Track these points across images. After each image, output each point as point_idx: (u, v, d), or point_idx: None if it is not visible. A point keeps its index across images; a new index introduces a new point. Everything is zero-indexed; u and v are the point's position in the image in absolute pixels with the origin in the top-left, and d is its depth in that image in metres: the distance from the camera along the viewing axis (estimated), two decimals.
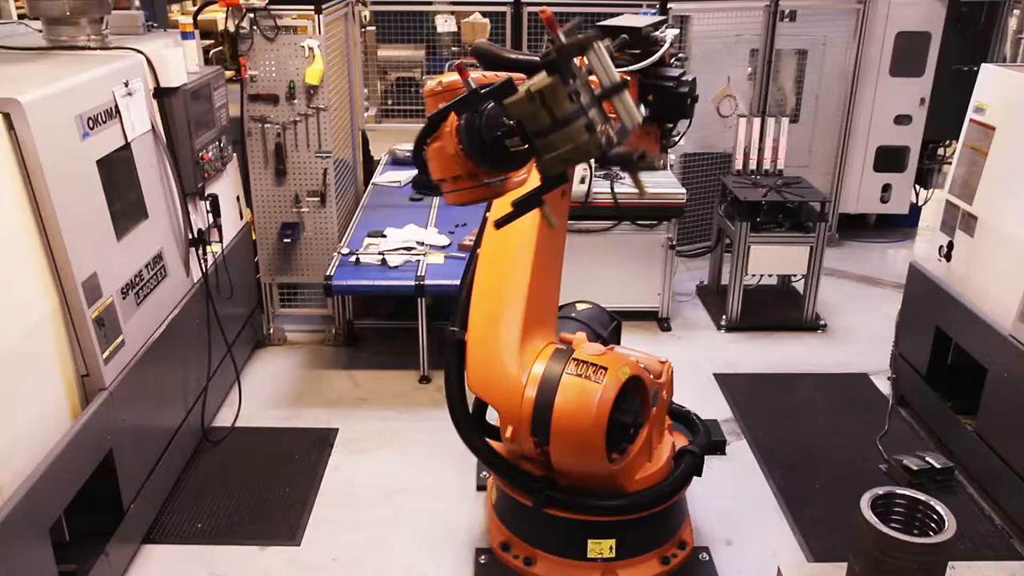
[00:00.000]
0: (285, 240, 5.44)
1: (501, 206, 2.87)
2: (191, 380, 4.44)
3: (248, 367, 5.42)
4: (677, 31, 5.54)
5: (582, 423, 3.13)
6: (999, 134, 4.30)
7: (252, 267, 5.55)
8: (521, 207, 2.45)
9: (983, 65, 4.60)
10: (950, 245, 4.61)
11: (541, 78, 2.20)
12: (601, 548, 3.52)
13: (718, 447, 4.59)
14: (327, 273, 4.99)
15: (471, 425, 3.50)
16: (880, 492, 2.56)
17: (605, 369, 3.19)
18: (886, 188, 7.58)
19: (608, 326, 4.04)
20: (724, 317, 6.12)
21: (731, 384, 5.31)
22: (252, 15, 5.07)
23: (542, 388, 3.19)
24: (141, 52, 4.09)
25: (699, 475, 3.64)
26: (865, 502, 2.50)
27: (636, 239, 5.86)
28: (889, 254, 7.60)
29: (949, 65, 7.19)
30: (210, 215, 4.67)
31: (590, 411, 3.12)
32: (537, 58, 2.45)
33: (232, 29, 5.10)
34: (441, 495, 4.23)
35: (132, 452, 3.67)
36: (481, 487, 4.23)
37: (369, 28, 7.62)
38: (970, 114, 4.56)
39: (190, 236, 4.45)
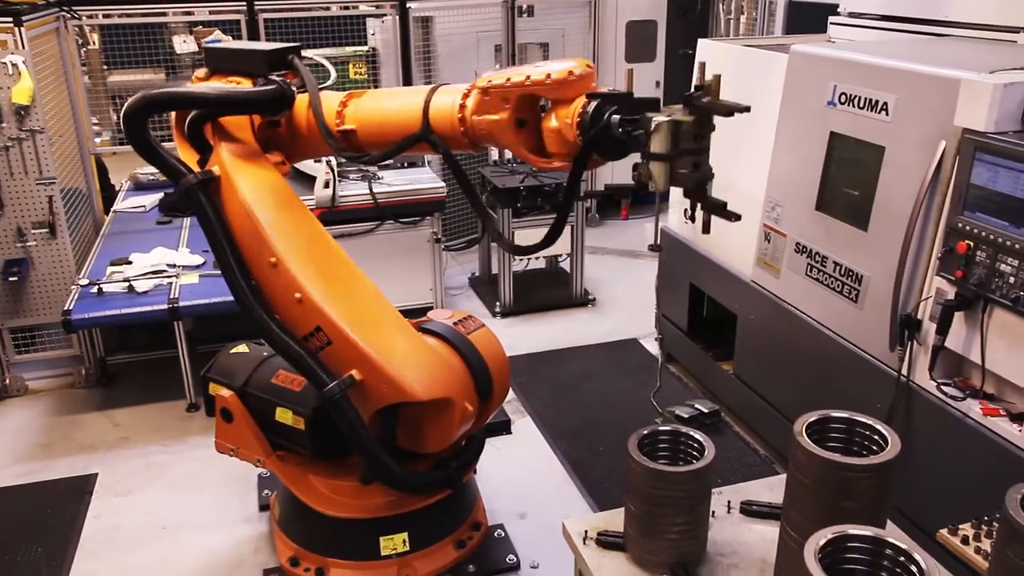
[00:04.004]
0: (11, 279, 4.89)
1: None
2: None
3: None
4: None
5: (503, 363, 3.50)
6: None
7: None
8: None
9: (700, 40, 5.03)
10: (693, 206, 4.91)
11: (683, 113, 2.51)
12: (394, 543, 3.41)
13: (503, 427, 4.62)
14: (65, 307, 4.52)
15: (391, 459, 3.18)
16: (645, 432, 2.64)
17: (471, 317, 3.55)
18: (636, 167, 8.00)
19: None
20: (498, 304, 6.20)
21: (511, 366, 5.32)
22: None
23: (465, 353, 3.34)
24: None
25: None
26: (632, 443, 2.58)
27: (401, 237, 5.80)
28: (646, 228, 8.01)
29: (676, 49, 7.77)
30: None
31: (501, 351, 3.51)
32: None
33: None
34: (221, 524, 3.94)
35: None
36: (264, 506, 3.98)
37: (92, 48, 7.06)
38: (694, 84, 4.90)
39: None
